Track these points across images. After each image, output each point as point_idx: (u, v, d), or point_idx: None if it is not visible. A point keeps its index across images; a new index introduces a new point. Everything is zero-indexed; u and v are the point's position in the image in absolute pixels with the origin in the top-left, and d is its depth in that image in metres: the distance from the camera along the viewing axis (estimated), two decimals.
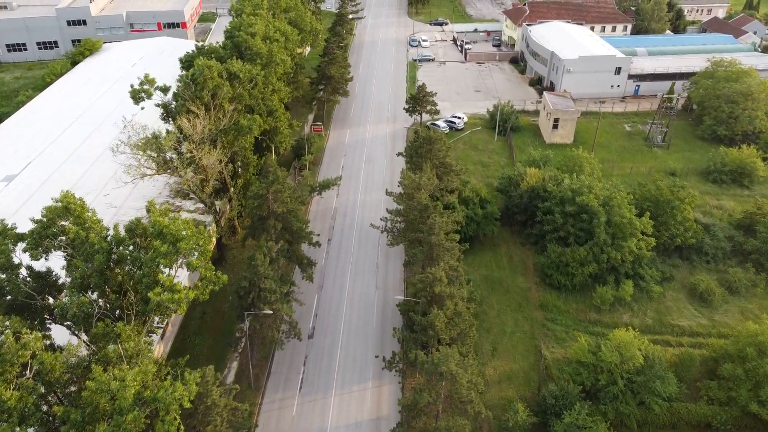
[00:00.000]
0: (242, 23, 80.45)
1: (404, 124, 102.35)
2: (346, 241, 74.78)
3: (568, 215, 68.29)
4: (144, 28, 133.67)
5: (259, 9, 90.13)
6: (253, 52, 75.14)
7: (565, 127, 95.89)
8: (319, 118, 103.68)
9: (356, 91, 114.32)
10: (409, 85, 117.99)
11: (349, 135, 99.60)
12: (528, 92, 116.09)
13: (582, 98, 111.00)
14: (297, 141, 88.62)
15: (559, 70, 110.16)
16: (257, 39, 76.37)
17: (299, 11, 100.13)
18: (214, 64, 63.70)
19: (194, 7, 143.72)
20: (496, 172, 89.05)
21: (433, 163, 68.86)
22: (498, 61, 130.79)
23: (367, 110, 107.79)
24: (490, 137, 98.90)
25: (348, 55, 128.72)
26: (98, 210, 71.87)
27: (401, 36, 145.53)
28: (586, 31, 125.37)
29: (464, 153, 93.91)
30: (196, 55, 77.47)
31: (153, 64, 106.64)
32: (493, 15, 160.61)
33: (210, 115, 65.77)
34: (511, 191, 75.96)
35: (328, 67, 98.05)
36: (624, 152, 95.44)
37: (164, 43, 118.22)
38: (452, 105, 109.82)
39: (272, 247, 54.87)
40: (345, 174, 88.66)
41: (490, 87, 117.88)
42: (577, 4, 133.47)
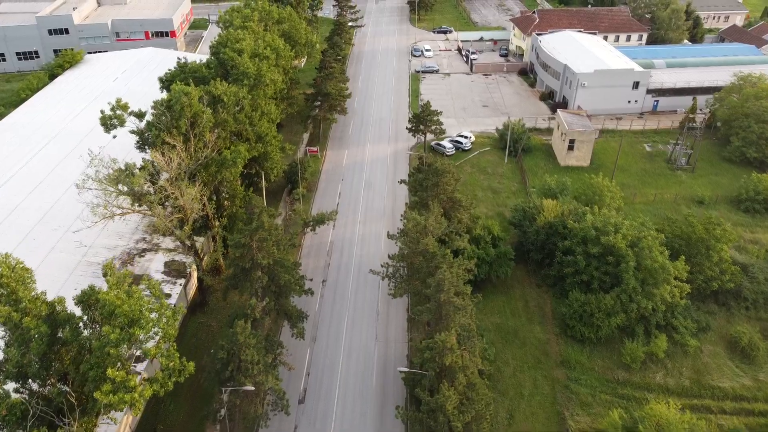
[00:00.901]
0: (229, 38, 72.99)
1: (407, 143, 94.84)
2: (343, 281, 67.27)
3: (592, 256, 60.85)
4: (130, 37, 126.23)
5: (249, 21, 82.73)
6: (240, 71, 67.67)
7: (582, 149, 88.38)
8: (314, 137, 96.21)
9: (355, 107, 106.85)
10: (412, 99, 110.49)
11: (347, 156, 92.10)
12: (539, 107, 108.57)
13: (597, 114, 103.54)
14: (290, 165, 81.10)
15: (572, 84, 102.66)
16: (245, 57, 68.89)
17: (294, 22, 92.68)
18: (193, 90, 56.17)
19: (185, 14, 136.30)
20: (507, 199, 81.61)
21: (440, 199, 61.36)
22: (506, 72, 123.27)
23: (367, 128, 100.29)
24: (499, 159, 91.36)
25: (346, 67, 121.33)
26: (66, 250, 65.71)
27: (403, 45, 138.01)
28: (600, 41, 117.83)
29: (472, 177, 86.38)
30: (177, 74, 70.15)
31: (136, 78, 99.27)
32: (499, 22, 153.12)
33: (189, 146, 58.34)
34: (526, 226, 68.45)
35: (324, 83, 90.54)
36: (645, 176, 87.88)
37: (150, 54, 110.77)
38: (458, 122, 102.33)
39: (256, 307, 47.43)
40: (342, 202, 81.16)
41: (498, 102, 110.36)
42: (590, 12, 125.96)
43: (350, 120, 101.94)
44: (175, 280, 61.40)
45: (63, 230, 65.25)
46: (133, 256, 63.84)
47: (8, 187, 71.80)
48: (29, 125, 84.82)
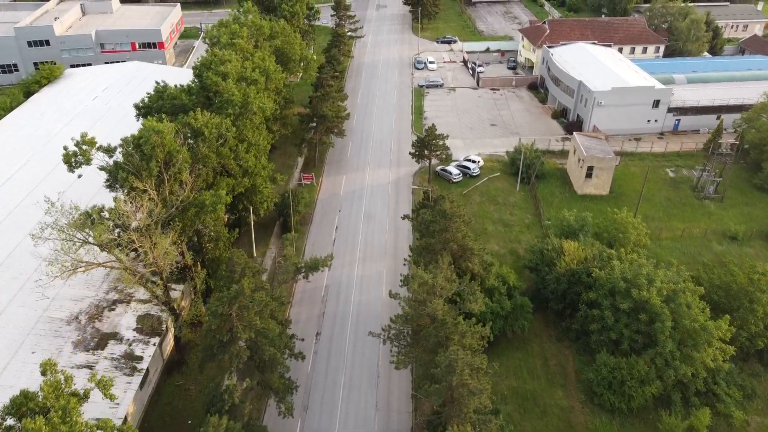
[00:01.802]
0: (213, 60, 65.67)
1: (410, 168, 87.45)
2: (339, 335, 59.94)
3: (621, 312, 53.53)
4: (116, 49, 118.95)
5: (238, 38, 75.41)
6: (224, 98, 60.34)
7: (601, 177, 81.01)
8: (310, 160, 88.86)
9: (354, 126, 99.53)
10: (415, 117, 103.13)
11: (345, 183, 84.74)
12: (551, 126, 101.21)
13: (614, 135, 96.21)
14: (282, 196, 73.76)
15: (588, 102, 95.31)
16: (230, 82, 61.55)
17: (287, 37, 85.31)
18: (166, 126, 48.85)
19: (174, 23, 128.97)
20: (520, 234, 74.29)
21: (450, 247, 54.01)
22: (515, 87, 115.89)
23: (367, 150, 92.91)
24: (510, 186, 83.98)
25: (345, 82, 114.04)
26: (26, 303, 58.16)
27: (405, 56, 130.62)
28: (616, 54, 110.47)
29: (481, 208, 79.01)
30: (155, 100, 62.91)
31: (118, 96, 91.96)
32: (506, 31, 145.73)
33: (163, 188, 51.08)
34: (544, 272, 61.07)
35: (320, 104, 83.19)
36: (670, 206, 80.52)
37: (135, 68, 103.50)
38: (464, 143, 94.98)
39: (234, 391, 40.09)
40: (339, 236, 73.84)
41: (508, 120, 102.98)
42: (604, 23, 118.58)
43: (349, 141, 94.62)
44: (148, 338, 54.05)
45: (24, 278, 57.91)
46: (102, 310, 56.52)
47: None
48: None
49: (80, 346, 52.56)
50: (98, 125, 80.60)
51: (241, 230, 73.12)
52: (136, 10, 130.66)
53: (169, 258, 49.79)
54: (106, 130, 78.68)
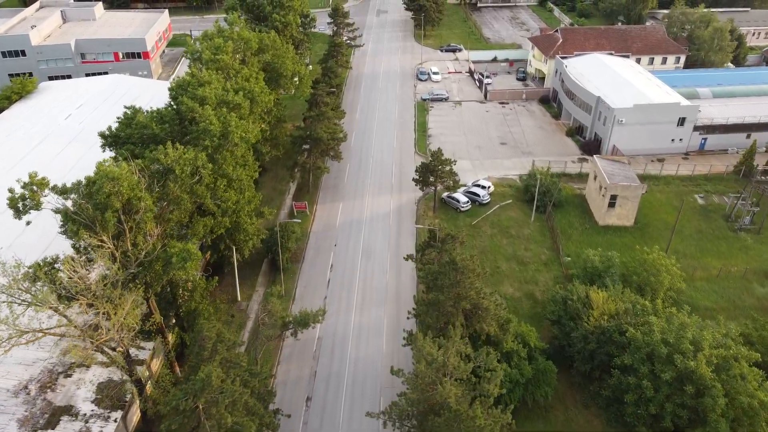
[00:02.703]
0: (190, 81, 57.76)
1: (413, 194, 79.50)
2: (333, 401, 52.03)
3: (662, 381, 45.62)
4: (98, 59, 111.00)
5: (222, 53, 67.52)
6: (200, 128, 52.42)
7: (626, 207, 73.06)
8: (303, 186, 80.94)
9: (352, 145, 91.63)
10: (419, 136, 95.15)
11: (342, 212, 76.80)
12: (566, 145, 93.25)
13: (635, 155, 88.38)
14: (271, 231, 65.85)
15: (607, 120, 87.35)
16: (207, 108, 53.58)
17: (278, 50, 77.32)
18: (123, 171, 40.95)
19: (161, 31, 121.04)
20: (537, 273, 66.39)
21: (463, 306, 46.11)
22: (525, 100, 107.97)
23: (366, 174, 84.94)
24: (524, 215, 76.05)
25: (342, 96, 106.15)
26: None
27: (407, 66, 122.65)
28: (635, 66, 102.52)
29: (493, 242, 71.08)
30: (123, 129, 55.09)
31: (94, 114, 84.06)
32: (514, 38, 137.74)
33: (124, 240, 43.23)
34: (569, 327, 53.15)
35: (314, 126, 75.28)
36: (702, 239, 72.59)
37: (115, 81, 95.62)
38: (472, 165, 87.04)
39: None
40: (335, 277, 65.94)
41: (519, 138, 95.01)
42: (621, 32, 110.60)
43: (346, 162, 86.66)
44: (109, 413, 46.15)
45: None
46: (57, 377, 48.63)
47: None
48: None
49: (27, 425, 44.68)
50: (68, 151, 72.85)
51: (224, 270, 65.40)
52: (121, 17, 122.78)
53: (130, 320, 41.91)
54: (74, 158, 70.97)
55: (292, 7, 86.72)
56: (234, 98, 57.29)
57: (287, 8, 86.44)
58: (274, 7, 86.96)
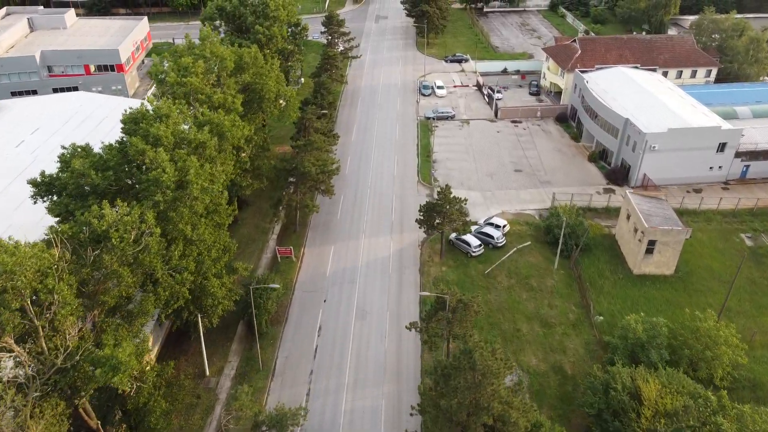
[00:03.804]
0: (145, 115, 47.04)
1: (415, 234, 68.70)
2: None
3: None
4: (67, 72, 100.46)
5: (191, 74, 56.88)
6: (150, 178, 41.73)
7: (666, 254, 62.29)
8: (290, 224, 70.18)
9: (347, 173, 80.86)
10: (422, 161, 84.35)
11: (334, 257, 66.03)
12: (589, 173, 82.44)
13: (669, 185, 77.80)
14: (245, 291, 55.11)
15: (637, 146, 76.57)
16: (161, 152, 42.83)
17: (260, 69, 66.51)
18: (22, 257, 30.29)
19: (138, 41, 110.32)
20: (565, 337, 55.70)
21: (483, 421, 35.31)
22: (540, 118, 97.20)
23: (362, 209, 74.14)
24: (546, 261, 65.29)
25: (336, 114, 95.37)
26: None
27: (409, 78, 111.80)
28: (664, 81, 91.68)
29: (510, 296, 60.31)
30: (55, 179, 44.44)
31: (51, 141, 73.24)
32: (525, 47, 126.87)
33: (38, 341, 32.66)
34: (613, 426, 42.41)
35: (301, 157, 64.53)
36: (757, 292, 61.84)
37: (80, 100, 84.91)
38: (484, 197, 76.28)
39: None
40: (323, 345, 55.21)
41: (535, 163, 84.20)
42: (645, 42, 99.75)
43: (340, 194, 75.92)
44: None
45: None
46: None
47: None
48: None
49: None
50: (13, 190, 62.01)
51: (190, 336, 54.66)
52: (94, 25, 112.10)
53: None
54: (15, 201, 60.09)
55: (277, 17, 75.88)
56: (197, 136, 46.47)
57: (272, 18, 75.58)
58: (257, 17, 76.16)
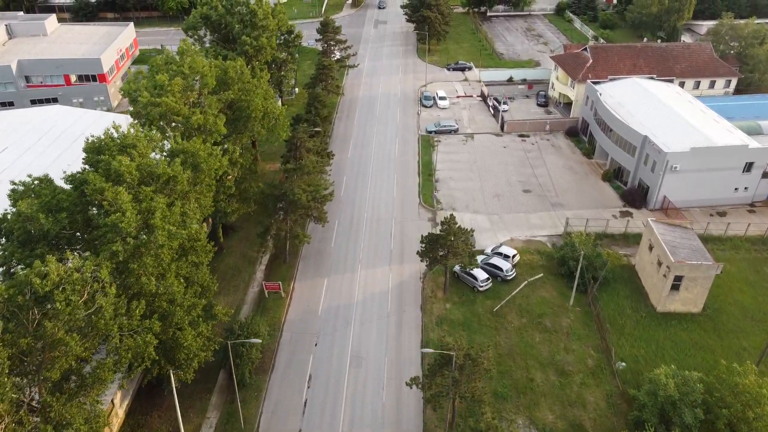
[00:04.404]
0: (109, 144, 41.14)
1: (416, 266, 62.74)
2: None
3: None
4: (45, 83, 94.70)
5: (167, 94, 51.00)
6: (109, 223, 35.77)
7: (693, 290, 56.34)
8: (279, 254, 64.23)
9: (341, 196, 74.96)
10: (423, 180, 78.38)
11: (327, 292, 60.07)
12: (603, 193, 76.49)
13: (690, 207, 72.03)
14: (227, 333, 49.22)
15: (657, 166, 70.65)
16: (122, 192, 36.84)
17: (246, 84, 60.48)
18: None
19: (124, 48, 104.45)
20: (584, 389, 49.76)
21: None
22: (549, 132, 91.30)
23: (358, 235, 68.21)
24: (560, 296, 59.34)
25: (332, 128, 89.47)
26: None
27: (409, 88, 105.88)
28: (683, 93, 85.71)
29: (521, 338, 54.35)
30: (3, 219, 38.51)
31: (19, 163, 67.42)
32: (531, 54, 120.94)
33: None
34: None
35: (291, 184, 58.59)
36: None
37: (56, 115, 79.04)
38: (490, 221, 70.39)
39: None
40: (314, 397, 49.25)
41: (545, 182, 78.26)
42: (660, 50, 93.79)
43: (335, 219, 70.05)
44: None
45: None
46: None
47: None
48: None
49: None
50: None
51: (163, 390, 48.69)
52: (77, 32, 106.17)
53: None
54: None
55: (266, 27, 69.83)
56: (166, 170, 40.48)
57: (260, 28, 69.55)
58: (244, 27, 70.18)
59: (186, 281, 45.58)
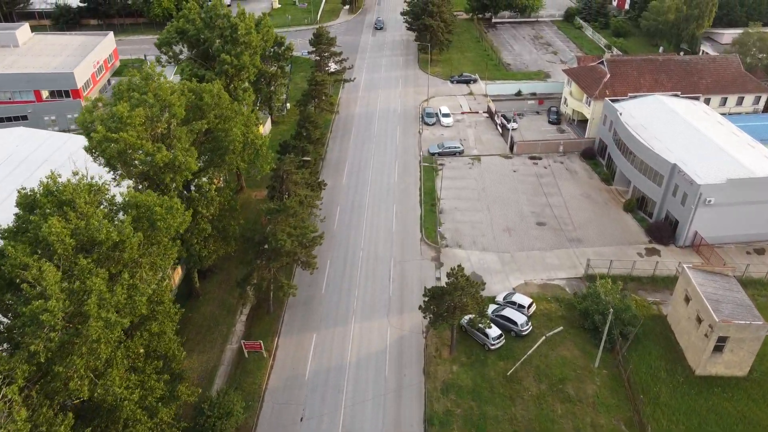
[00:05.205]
0: (42, 201, 33.43)
1: (416, 319, 54.99)
2: None
3: None
4: (14, 99, 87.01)
5: (127, 127, 43.40)
6: (29, 314, 28.02)
7: (739, 352, 48.65)
8: (263, 302, 56.47)
9: (334, 231, 67.30)
10: (426, 211, 70.64)
11: (315, 351, 52.34)
12: (626, 226, 68.77)
13: (724, 244, 64.44)
14: (194, 418, 41.55)
15: (688, 199, 62.96)
16: (49, 270, 29.10)
17: (224, 110, 52.66)
18: None
19: (101, 60, 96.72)
20: None
21: None
22: (563, 154, 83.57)
23: (352, 279, 60.46)
24: (583, 355, 51.64)
25: (324, 151, 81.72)
26: None
27: (410, 103, 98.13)
28: (711, 113, 77.98)
29: (540, 411, 46.64)
30: None
31: None
32: (539, 65, 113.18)
33: None
34: None
35: (273, 228, 50.85)
36: None
37: (19, 138, 71.39)
38: (501, 261, 62.69)
39: None
40: None
41: (561, 214, 70.54)
42: (683, 63, 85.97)
43: (326, 259, 62.40)
44: None
45: None
46: None
47: None
48: None
49: None
50: None
51: None
52: (52, 42, 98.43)
53: None
54: None
55: (248, 43, 62.03)
56: (110, 234, 32.72)
57: (242, 45, 61.74)
58: (225, 43, 62.42)
59: (145, 352, 38.09)
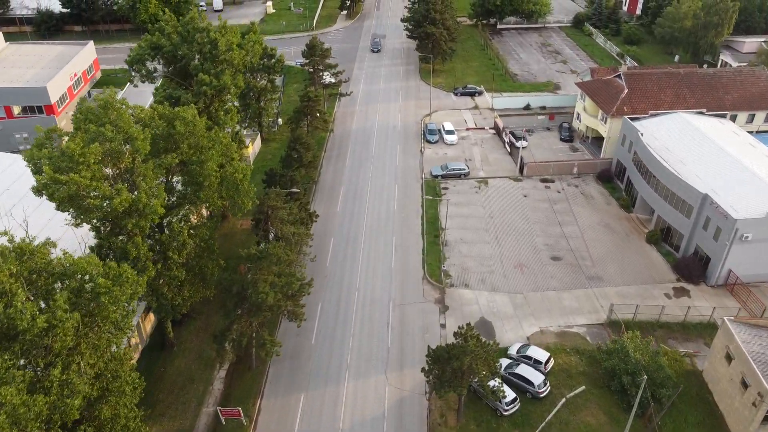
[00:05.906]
0: None
1: (419, 378, 48.21)
2: None
3: None
4: None
5: (80, 167, 36.88)
6: None
7: None
8: (245, 358, 49.74)
9: (327, 266, 60.61)
10: (429, 244, 63.89)
11: (302, 418, 45.59)
12: (650, 261, 62.06)
13: (760, 282, 57.81)
14: None
15: (722, 234, 56.26)
16: None
17: (199, 138, 45.94)
18: None
19: (77, 73, 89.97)
20: None
21: None
22: (577, 176, 76.88)
23: (346, 327, 53.69)
24: (609, 421, 45.01)
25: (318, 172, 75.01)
26: None
27: (411, 118, 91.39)
28: (741, 133, 71.34)
29: None
30: None
31: None
32: (548, 74, 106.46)
33: None
34: None
35: (254, 279, 44.11)
36: None
37: None
38: (513, 305, 55.97)
39: None
40: None
41: (578, 246, 63.83)
42: (707, 77, 79.20)
43: (317, 303, 55.71)
44: None
45: None
46: None
47: None
48: None
49: None
50: None
51: None
52: (26, 53, 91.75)
53: None
54: None
55: (230, 61, 55.28)
56: (39, 322, 25.93)
57: (222, 62, 54.99)
58: (204, 60, 55.69)
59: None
